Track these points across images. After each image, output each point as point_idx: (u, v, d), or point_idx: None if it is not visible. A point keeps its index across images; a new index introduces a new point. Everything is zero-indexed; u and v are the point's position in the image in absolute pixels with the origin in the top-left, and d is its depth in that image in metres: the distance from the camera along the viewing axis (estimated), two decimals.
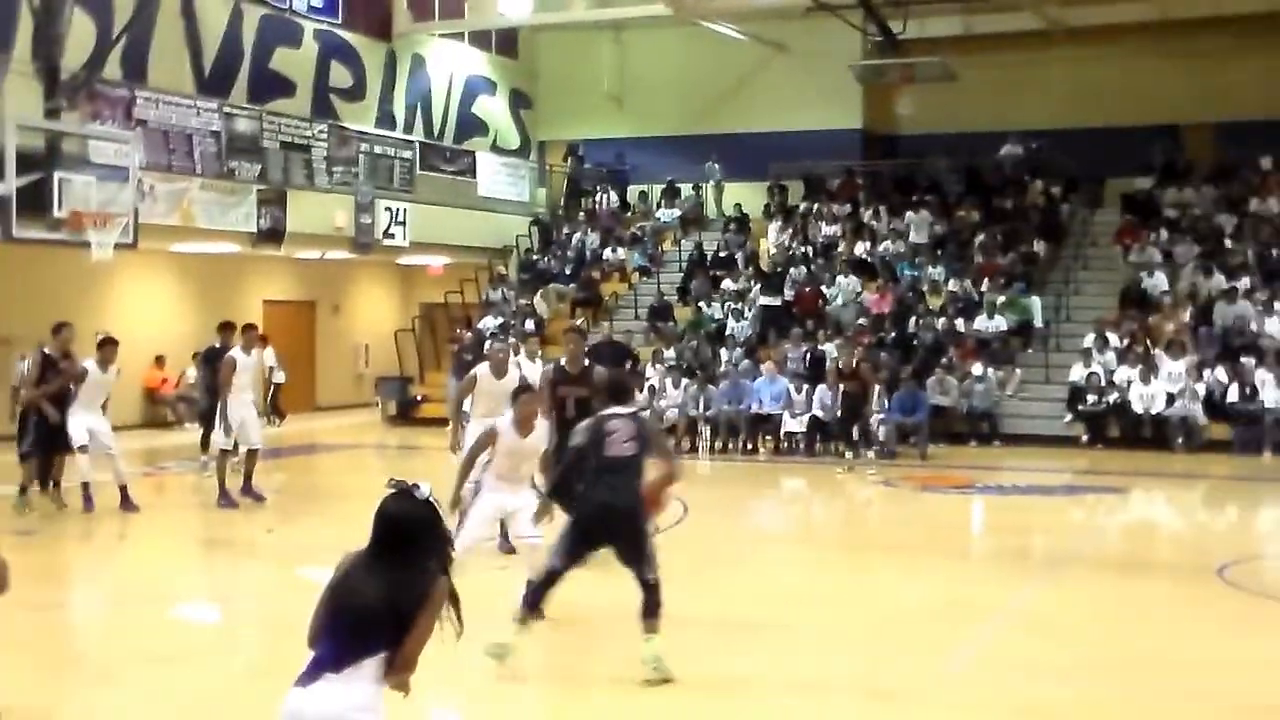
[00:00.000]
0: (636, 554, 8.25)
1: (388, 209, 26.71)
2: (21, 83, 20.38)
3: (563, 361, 11.89)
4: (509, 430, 9.35)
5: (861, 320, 24.47)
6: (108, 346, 14.88)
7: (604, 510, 8.29)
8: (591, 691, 8.44)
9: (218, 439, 15.68)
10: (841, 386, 20.54)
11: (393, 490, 4.49)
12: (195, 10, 25.47)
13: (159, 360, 25.14)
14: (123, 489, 14.83)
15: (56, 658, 9.12)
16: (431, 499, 4.50)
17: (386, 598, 4.35)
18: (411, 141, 29.31)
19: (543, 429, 9.70)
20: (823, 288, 25.66)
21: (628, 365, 22.39)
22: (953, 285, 25.11)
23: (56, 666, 8.88)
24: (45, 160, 18.93)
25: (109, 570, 13.34)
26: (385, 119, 29.94)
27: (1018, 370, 22.93)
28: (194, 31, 25.54)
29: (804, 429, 21.32)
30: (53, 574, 12.28)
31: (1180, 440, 20.78)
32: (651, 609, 8.24)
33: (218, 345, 17.01)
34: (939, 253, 26.37)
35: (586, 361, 11.77)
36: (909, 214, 27.67)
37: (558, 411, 11.38)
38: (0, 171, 17.94)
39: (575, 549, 8.33)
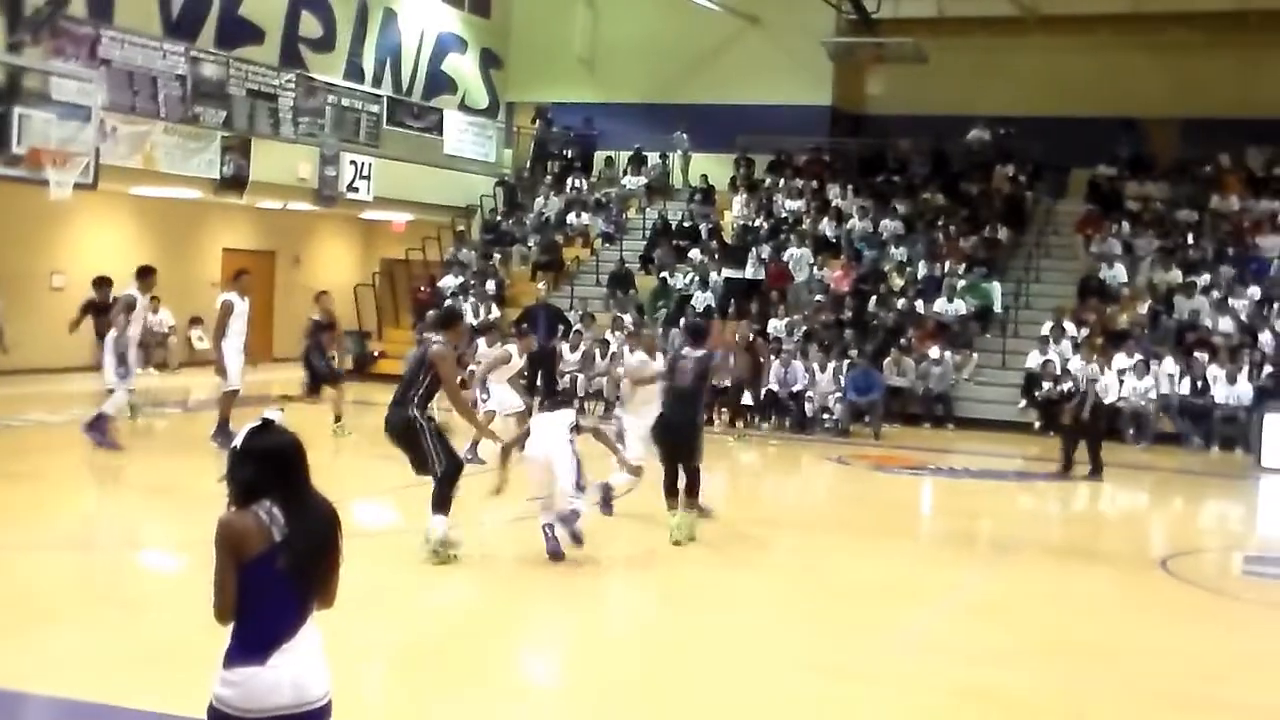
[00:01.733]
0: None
1: (352, 162, 26.54)
2: None
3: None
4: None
5: (820, 297, 24.57)
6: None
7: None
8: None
9: (224, 380, 15.75)
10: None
11: (258, 426, 4.21)
12: None
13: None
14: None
15: (10, 596, 9.05)
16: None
17: (325, 537, 4.19)
18: (379, 96, 29.10)
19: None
20: (788, 264, 25.66)
21: (560, 329, 22.44)
22: (915, 266, 25.20)
23: (11, 605, 8.82)
24: (5, 95, 18.69)
25: (59, 512, 13.23)
26: (354, 72, 29.68)
27: (975, 355, 23.06)
28: None
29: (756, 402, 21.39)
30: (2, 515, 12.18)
31: (1131, 432, 20.96)
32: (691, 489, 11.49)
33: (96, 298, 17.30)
34: (903, 234, 26.42)
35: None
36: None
37: None
38: None
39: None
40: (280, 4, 27.98)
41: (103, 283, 17.41)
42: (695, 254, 26.86)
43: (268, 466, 4.17)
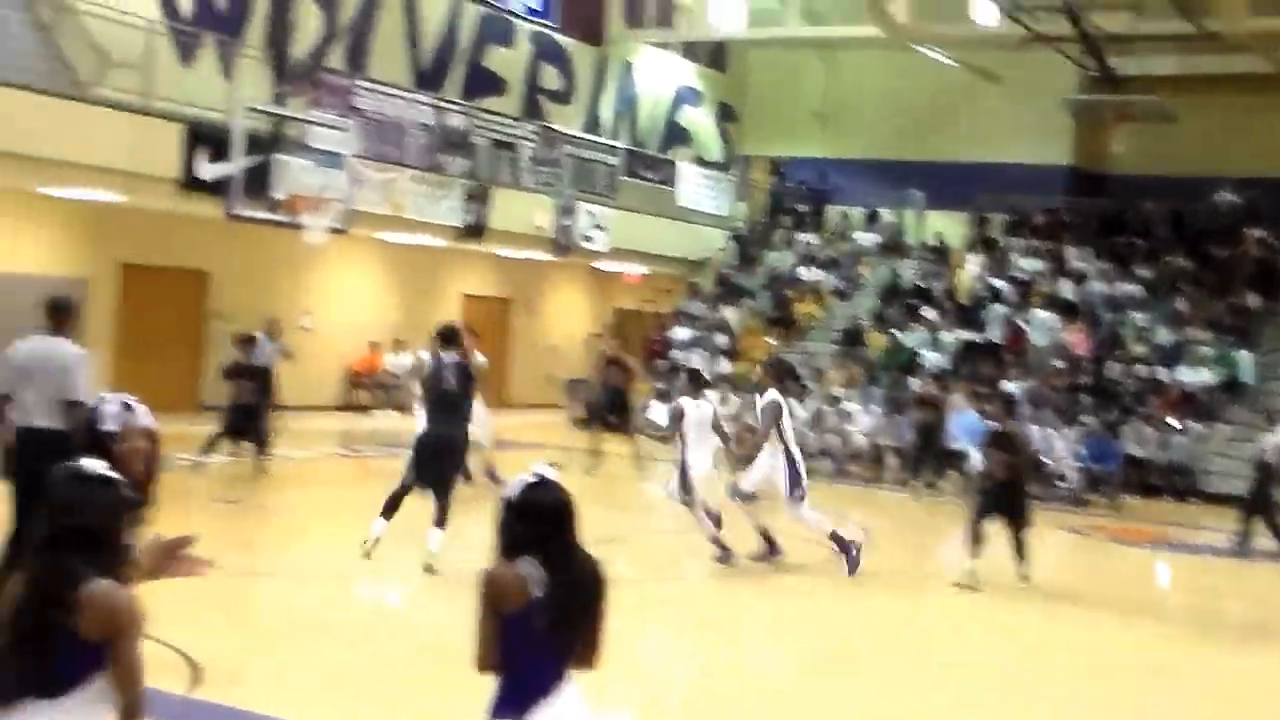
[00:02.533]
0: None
1: (589, 213, 26.96)
2: (251, 67, 21.16)
3: None
4: None
5: (1057, 361, 23.98)
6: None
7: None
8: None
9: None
10: (918, 414, 20.18)
11: (534, 481, 4.22)
12: (417, 6, 26.14)
13: (374, 346, 25.83)
14: None
15: (251, 622, 9.39)
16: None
17: (586, 598, 4.19)
18: (616, 148, 29.57)
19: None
20: (1024, 326, 25.08)
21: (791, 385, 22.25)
22: (1157, 332, 24.42)
23: (251, 630, 9.15)
24: (268, 143, 19.53)
25: (301, 542, 13.71)
26: (592, 123, 30.28)
27: (1222, 427, 22.14)
28: (414, 26, 26.22)
29: None
30: (253, 543, 12.67)
31: None
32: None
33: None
34: (1145, 298, 25.63)
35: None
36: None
37: None
38: (228, 152, 18.55)
39: None
40: (523, 57, 28.78)
41: (248, 341, 17.19)
42: (928, 312, 26.51)
43: (535, 522, 4.18)
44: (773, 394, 12.38)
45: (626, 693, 8.38)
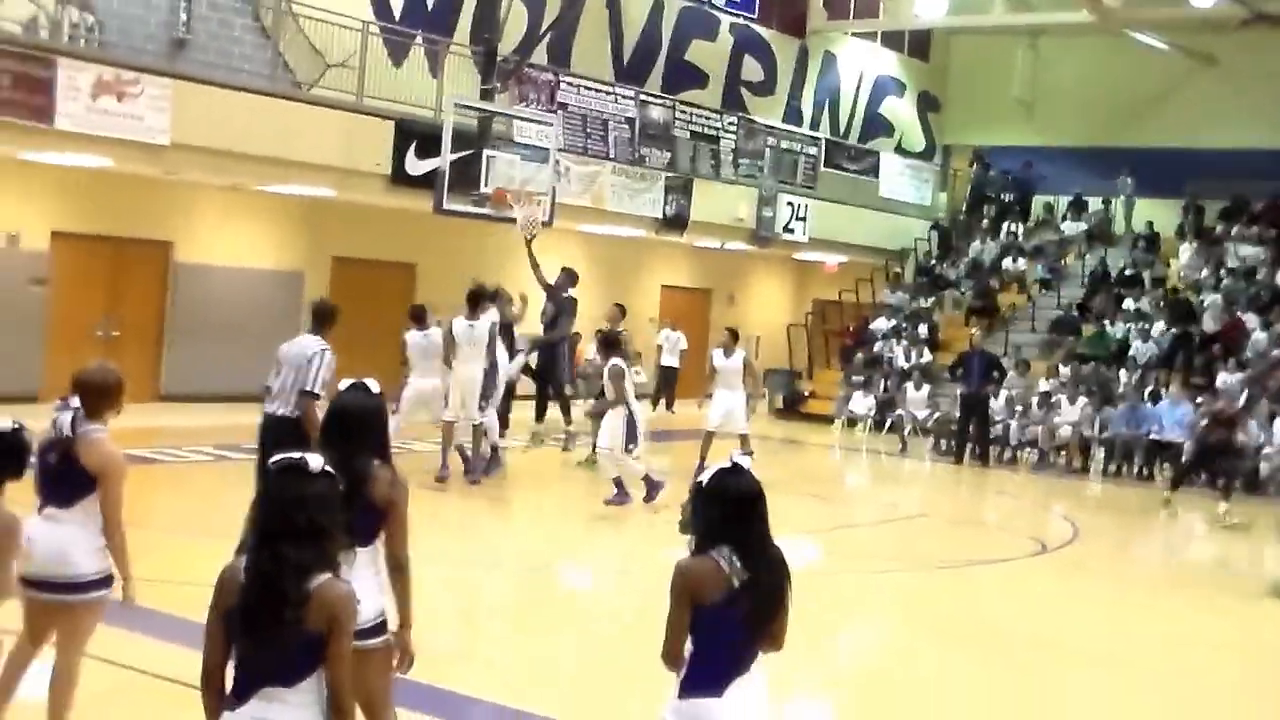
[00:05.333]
0: None
1: (789, 204, 26.91)
2: (458, 64, 21.67)
3: None
4: None
5: (1277, 352, 23.08)
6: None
7: None
8: None
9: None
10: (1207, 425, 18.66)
11: (728, 469, 4.26)
12: (620, 1, 26.44)
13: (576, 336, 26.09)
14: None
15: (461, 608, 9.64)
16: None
17: (780, 587, 4.23)
18: (817, 138, 29.43)
19: None
20: (1242, 318, 24.13)
21: (995, 375, 21.74)
22: None
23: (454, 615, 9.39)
24: (476, 138, 19.96)
25: (497, 532, 14.02)
26: (793, 114, 30.22)
27: None
28: (616, 21, 26.51)
29: None
30: (453, 532, 13.02)
31: None
32: None
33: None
34: None
35: None
36: None
37: None
38: (438, 148, 19.02)
39: None
40: (724, 49, 28.85)
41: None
42: (1136, 302, 25.77)
43: (731, 511, 4.22)
44: (615, 362, 14.26)
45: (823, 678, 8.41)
